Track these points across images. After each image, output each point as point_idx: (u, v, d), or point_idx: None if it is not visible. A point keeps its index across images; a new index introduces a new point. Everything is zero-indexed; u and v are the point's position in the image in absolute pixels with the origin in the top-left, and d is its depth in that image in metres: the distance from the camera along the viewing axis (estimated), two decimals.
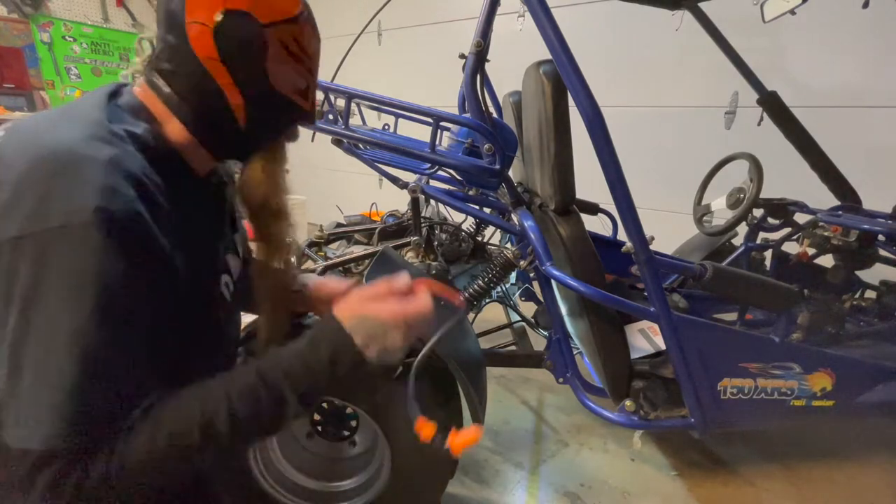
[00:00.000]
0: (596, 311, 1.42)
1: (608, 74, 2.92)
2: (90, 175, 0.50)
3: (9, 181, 0.49)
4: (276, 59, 0.64)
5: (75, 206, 0.48)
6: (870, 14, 1.60)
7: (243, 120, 0.66)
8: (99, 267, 0.49)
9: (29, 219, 0.47)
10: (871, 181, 2.07)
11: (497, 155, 1.36)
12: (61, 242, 0.47)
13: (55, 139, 0.52)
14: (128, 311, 0.52)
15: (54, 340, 0.48)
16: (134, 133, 0.59)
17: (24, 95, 3.54)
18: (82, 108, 0.59)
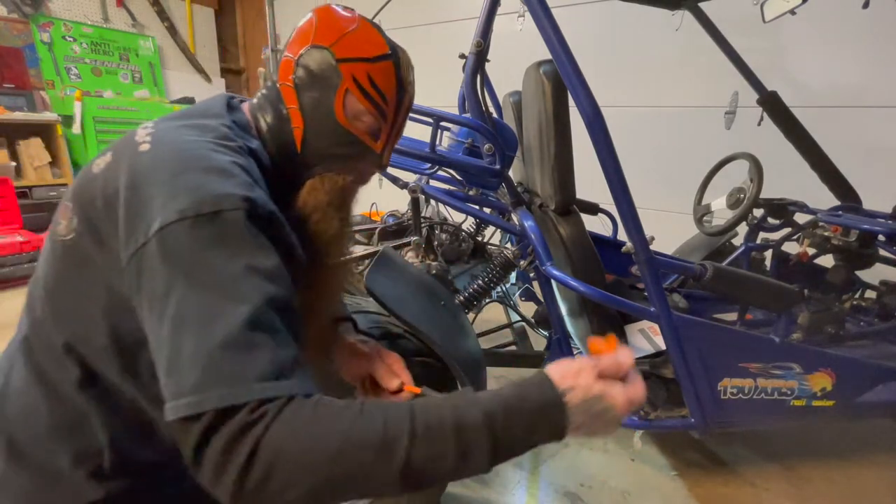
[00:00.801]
0: (596, 311, 1.42)
1: (608, 74, 2.92)
2: (231, 173, 0.57)
3: (164, 179, 0.55)
4: (346, 94, 0.67)
5: (225, 195, 0.53)
6: (870, 14, 1.60)
7: (299, 143, 0.70)
8: (250, 243, 0.53)
9: (185, 206, 0.52)
10: (871, 181, 2.07)
11: (497, 155, 1.37)
12: (215, 224, 0.52)
13: (199, 144, 0.60)
14: (279, 285, 0.54)
15: (215, 301, 0.49)
16: (250, 147, 0.67)
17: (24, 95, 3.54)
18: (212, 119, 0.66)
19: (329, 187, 0.71)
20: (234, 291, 0.50)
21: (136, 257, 0.53)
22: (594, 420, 0.53)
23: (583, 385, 0.53)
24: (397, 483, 0.48)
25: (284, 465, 0.45)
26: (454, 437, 0.49)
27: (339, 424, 0.48)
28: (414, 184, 1.59)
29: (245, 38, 5.14)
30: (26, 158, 3.44)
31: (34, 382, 0.62)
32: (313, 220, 0.70)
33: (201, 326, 0.48)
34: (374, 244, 1.88)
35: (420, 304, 1.26)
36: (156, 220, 0.52)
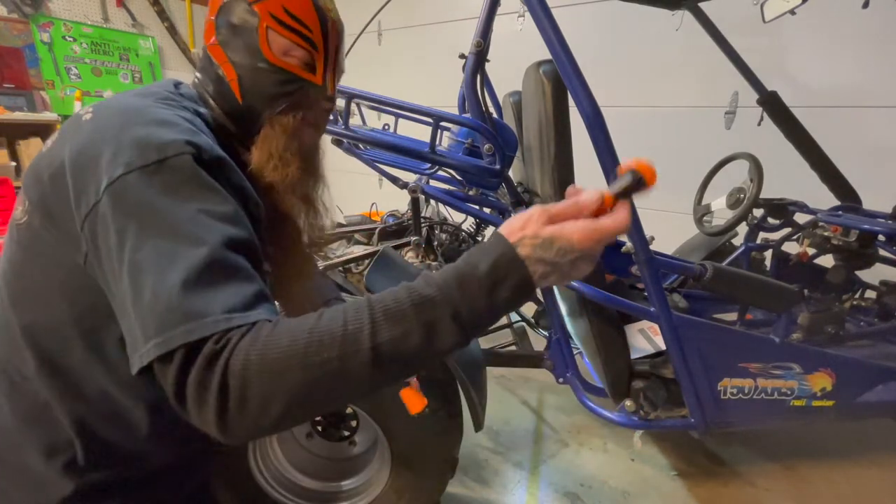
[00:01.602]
0: (596, 311, 1.42)
1: (608, 74, 2.92)
2: (174, 122, 0.58)
3: (108, 137, 0.55)
4: (267, 31, 0.66)
5: (168, 142, 0.54)
6: (870, 14, 1.60)
7: (239, 95, 0.69)
8: (200, 188, 0.54)
9: (131, 159, 0.52)
10: (871, 181, 2.06)
11: (497, 155, 1.36)
12: (163, 172, 0.52)
13: (136, 104, 0.60)
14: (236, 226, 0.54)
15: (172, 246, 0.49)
16: (200, 112, 0.67)
17: (24, 95, 3.54)
18: (157, 89, 0.67)
19: (280, 130, 0.70)
20: (190, 234, 0.50)
21: (89, 218, 0.53)
22: (559, 264, 0.49)
23: (529, 233, 0.49)
24: (371, 372, 0.48)
25: (256, 380, 0.45)
26: (414, 314, 0.48)
27: (300, 331, 0.47)
28: (414, 184, 1.59)
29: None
30: (26, 158, 3.44)
31: None
32: (270, 168, 0.69)
33: (159, 272, 0.48)
34: (374, 244, 1.88)
35: None
36: (104, 178, 0.52)
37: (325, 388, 0.47)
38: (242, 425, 0.46)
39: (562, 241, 0.49)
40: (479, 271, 0.49)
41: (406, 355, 0.49)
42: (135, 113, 0.58)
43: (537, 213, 0.50)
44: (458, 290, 0.49)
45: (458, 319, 0.49)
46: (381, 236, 1.93)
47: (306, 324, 0.48)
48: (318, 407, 0.51)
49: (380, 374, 0.49)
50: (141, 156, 0.52)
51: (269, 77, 0.68)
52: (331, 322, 0.48)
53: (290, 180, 0.70)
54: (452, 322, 0.49)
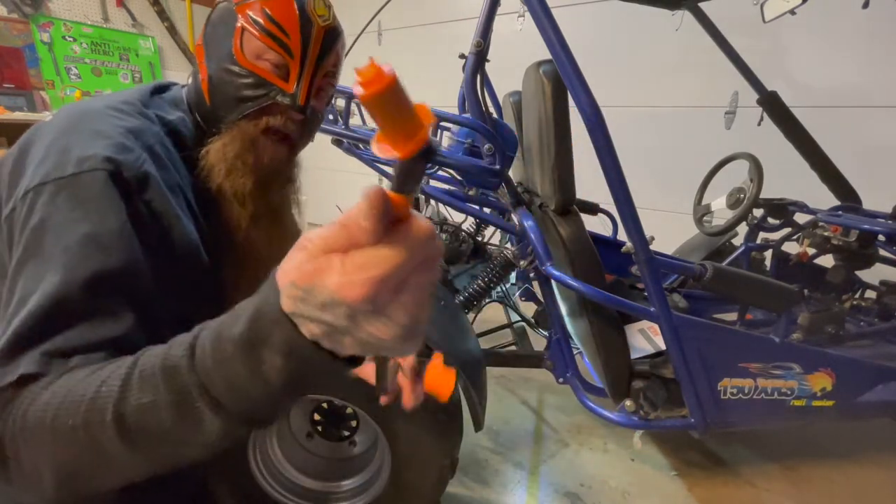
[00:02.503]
0: (596, 311, 1.42)
1: (608, 74, 2.92)
2: (108, 134, 0.56)
3: (46, 142, 0.55)
4: (243, 33, 0.65)
5: (88, 156, 0.53)
6: (870, 14, 1.60)
7: (207, 95, 0.68)
8: (99, 210, 0.52)
9: (50, 169, 0.52)
10: (871, 181, 2.07)
11: (497, 155, 1.36)
12: (72, 187, 0.51)
13: (88, 109, 0.60)
14: (118, 255, 0.51)
15: (38, 275, 0.48)
16: (164, 118, 0.65)
17: (24, 95, 3.54)
18: (125, 93, 0.66)
19: (237, 134, 0.66)
20: (59, 263, 0.48)
21: (7, 222, 0.53)
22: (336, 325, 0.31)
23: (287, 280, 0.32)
24: (123, 447, 0.39)
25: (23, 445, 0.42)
26: (163, 380, 0.38)
27: (63, 388, 0.42)
28: None
29: None
30: None
31: None
32: (215, 172, 0.65)
33: (20, 298, 0.48)
34: None
35: None
36: (24, 184, 0.53)
37: (85, 461, 0.41)
38: (28, 487, 0.43)
39: (322, 292, 0.30)
40: (235, 329, 0.35)
41: (157, 434, 0.39)
42: (79, 120, 0.57)
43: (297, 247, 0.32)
44: (211, 353, 0.36)
45: (208, 394, 0.36)
46: None
47: (75, 378, 0.42)
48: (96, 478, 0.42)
49: (135, 451, 0.39)
50: (59, 167, 0.52)
51: (236, 80, 0.66)
52: (92, 380, 0.41)
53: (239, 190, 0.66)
54: (201, 396, 0.37)
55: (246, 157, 0.66)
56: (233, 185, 0.66)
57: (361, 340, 0.32)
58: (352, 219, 0.30)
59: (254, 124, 0.67)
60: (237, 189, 0.66)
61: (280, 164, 0.71)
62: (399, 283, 0.30)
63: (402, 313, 0.31)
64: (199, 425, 0.38)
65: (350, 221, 0.30)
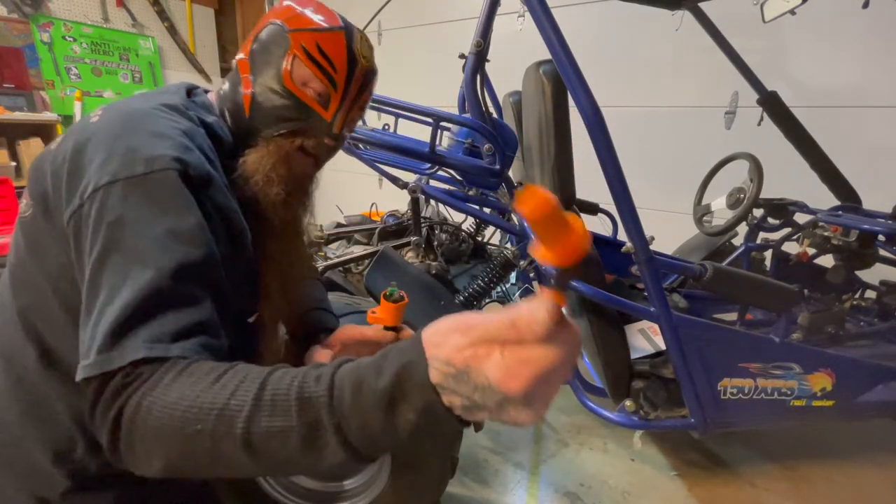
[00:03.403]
0: (596, 311, 1.42)
1: (608, 74, 2.92)
2: (169, 135, 0.58)
3: (105, 142, 0.57)
4: (294, 59, 0.69)
5: (156, 156, 0.55)
6: (870, 14, 1.60)
7: (248, 108, 0.72)
8: (176, 207, 0.54)
9: (118, 168, 0.54)
10: (871, 181, 2.07)
11: (497, 155, 1.36)
12: (145, 185, 0.54)
13: (138, 109, 0.62)
14: (199, 246, 0.55)
15: (125, 268, 0.51)
16: (205, 121, 0.69)
17: (24, 95, 3.54)
18: (162, 94, 0.69)
19: (273, 148, 0.71)
20: (148, 256, 0.51)
21: (73, 219, 0.55)
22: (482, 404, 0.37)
23: (442, 355, 0.38)
24: (245, 458, 0.43)
25: (139, 434, 0.45)
26: (297, 411, 0.42)
27: (192, 390, 0.45)
28: (414, 184, 1.59)
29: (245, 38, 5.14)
30: (26, 158, 3.44)
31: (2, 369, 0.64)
32: (254, 182, 0.70)
33: (110, 291, 0.50)
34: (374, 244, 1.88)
35: (419, 304, 1.26)
36: (91, 183, 0.54)
37: (202, 461, 0.45)
38: (133, 465, 0.47)
39: (479, 377, 0.36)
40: (379, 383, 0.40)
41: (281, 454, 0.42)
42: (135, 120, 0.59)
43: (457, 329, 0.38)
44: (350, 397, 0.41)
45: (342, 433, 0.41)
46: (381, 236, 1.93)
47: (199, 384, 0.45)
48: (206, 472, 0.47)
49: (256, 464, 0.44)
50: (128, 167, 0.54)
51: (280, 100, 0.70)
52: (220, 389, 0.44)
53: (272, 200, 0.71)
54: (335, 434, 0.41)
55: (281, 169, 0.71)
56: (267, 194, 0.70)
57: (498, 417, 0.38)
58: (523, 320, 0.36)
59: (290, 142, 0.72)
60: (271, 197, 0.70)
61: (306, 179, 0.78)
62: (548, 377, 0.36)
63: (543, 403, 0.37)
64: (322, 454, 0.42)
65: (521, 322, 0.36)
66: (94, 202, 0.53)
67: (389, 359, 0.41)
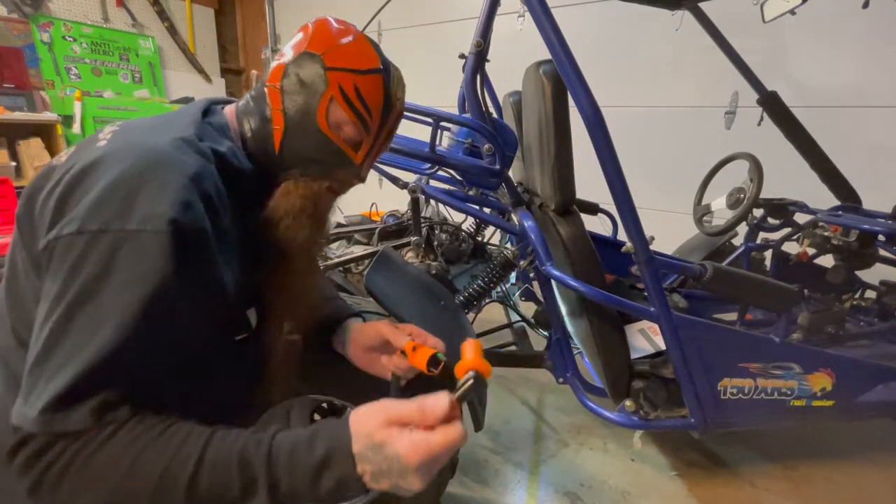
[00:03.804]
0: (596, 311, 1.42)
1: (608, 74, 2.92)
2: (173, 187, 0.55)
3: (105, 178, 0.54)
4: (330, 102, 0.67)
5: (154, 215, 0.53)
6: (870, 14, 1.60)
7: (278, 144, 0.70)
8: (158, 271, 0.53)
9: (111, 217, 0.52)
10: (871, 181, 2.06)
11: (497, 155, 1.36)
12: (133, 243, 0.52)
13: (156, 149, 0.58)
14: (168, 317, 0.55)
15: (92, 328, 0.51)
16: (218, 151, 0.66)
17: (23, 95, 3.54)
18: (180, 122, 0.66)
19: (303, 192, 0.71)
20: (117, 323, 0.51)
21: (48, 248, 0.54)
22: (387, 472, 0.50)
23: (364, 430, 0.51)
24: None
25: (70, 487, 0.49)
26: (237, 470, 0.50)
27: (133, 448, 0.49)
28: (414, 184, 1.59)
29: (245, 38, 5.14)
30: (26, 158, 3.44)
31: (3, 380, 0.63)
32: (283, 226, 0.70)
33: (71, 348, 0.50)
34: (374, 244, 1.88)
35: (419, 304, 1.26)
36: (77, 221, 0.52)
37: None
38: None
39: (390, 450, 0.49)
40: (313, 455, 0.51)
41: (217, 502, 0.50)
42: (142, 163, 0.56)
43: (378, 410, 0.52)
44: (286, 462, 0.51)
45: (273, 492, 0.50)
46: (381, 236, 1.93)
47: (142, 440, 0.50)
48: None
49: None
50: (121, 218, 0.52)
51: (313, 141, 0.69)
52: (163, 445, 0.50)
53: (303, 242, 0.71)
54: (268, 491, 0.50)
55: (309, 211, 0.71)
56: (296, 236, 0.70)
57: (395, 484, 0.51)
58: (429, 411, 0.50)
59: (318, 183, 0.72)
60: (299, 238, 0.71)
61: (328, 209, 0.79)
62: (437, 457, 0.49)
63: (429, 475, 0.50)
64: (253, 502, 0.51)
65: (428, 412, 0.50)
66: (78, 243, 0.52)
67: (321, 437, 0.52)
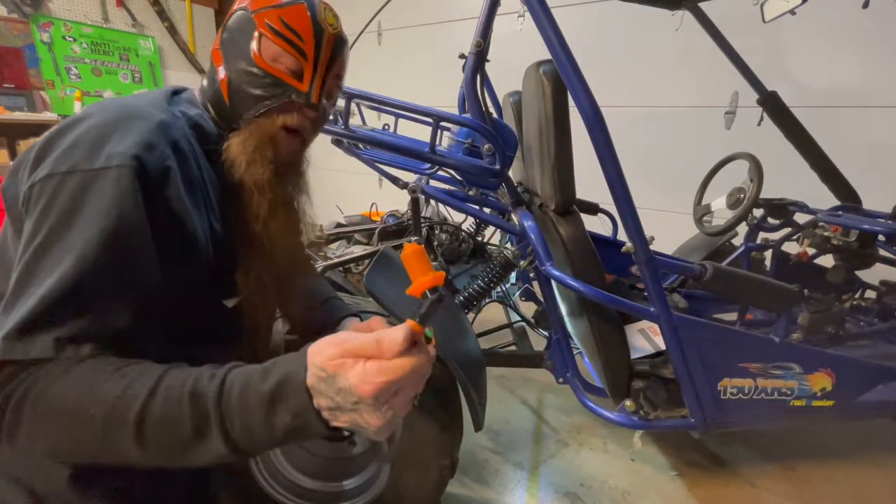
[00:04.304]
0: (596, 311, 1.42)
1: (608, 74, 2.91)
2: (138, 130, 0.59)
3: (78, 129, 0.58)
4: (260, 38, 0.70)
5: (118, 152, 0.56)
6: (870, 14, 1.60)
7: (226, 94, 0.73)
8: (118, 204, 0.54)
9: (80, 159, 0.55)
10: (871, 181, 2.06)
11: (497, 155, 1.36)
12: (98, 180, 0.54)
13: (122, 104, 0.63)
14: (131, 253, 0.55)
15: (58, 261, 0.51)
16: (187, 113, 0.70)
17: (24, 95, 3.54)
18: (151, 94, 0.71)
19: (255, 130, 0.72)
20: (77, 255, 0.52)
21: (25, 198, 0.56)
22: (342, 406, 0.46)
23: (317, 361, 0.46)
24: (132, 444, 0.47)
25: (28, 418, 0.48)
26: (189, 403, 0.47)
27: (88, 380, 0.49)
28: (414, 184, 1.59)
29: None
30: None
31: None
32: (238, 164, 0.70)
33: (36, 280, 0.51)
34: (374, 244, 1.88)
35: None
36: (49, 164, 0.55)
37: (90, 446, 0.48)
38: (13, 447, 0.50)
39: (342, 381, 0.46)
40: (264, 386, 0.47)
41: (168, 442, 0.48)
42: (116, 113, 0.60)
43: (334, 342, 0.47)
44: (237, 397, 0.48)
45: (225, 427, 0.48)
46: (381, 236, 1.93)
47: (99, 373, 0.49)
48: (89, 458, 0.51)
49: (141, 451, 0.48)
50: (88, 158, 0.55)
51: (255, 80, 0.71)
52: (118, 379, 0.49)
53: (259, 180, 0.71)
54: (219, 427, 0.47)
55: (265, 150, 0.72)
56: (253, 176, 0.70)
57: (353, 420, 0.47)
58: (386, 341, 0.46)
59: (271, 121, 0.72)
60: (257, 179, 0.71)
61: (294, 157, 0.78)
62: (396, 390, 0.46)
63: (391, 412, 0.47)
64: (207, 446, 0.48)
65: (384, 343, 0.46)
66: (46, 188, 0.54)
67: (277, 366, 0.49)
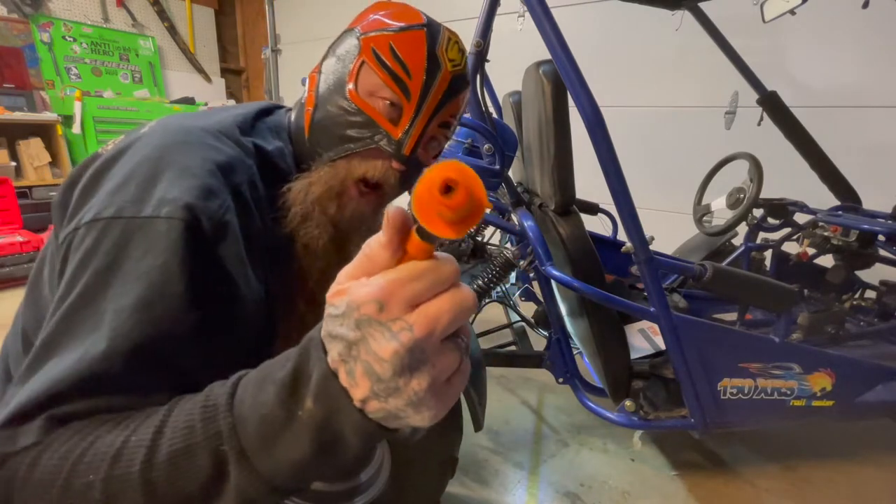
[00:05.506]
0: (596, 311, 1.42)
1: (608, 74, 2.92)
2: (195, 173, 0.49)
3: (129, 163, 0.50)
4: (361, 66, 0.58)
5: (169, 199, 0.47)
6: (870, 14, 1.60)
7: (307, 127, 0.62)
8: (165, 268, 0.46)
9: (128, 203, 0.47)
10: (871, 181, 2.07)
11: (497, 155, 1.36)
12: (145, 231, 0.46)
13: (186, 131, 0.53)
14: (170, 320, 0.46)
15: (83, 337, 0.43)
16: (262, 148, 0.59)
17: (24, 95, 3.54)
18: (228, 114, 0.60)
19: (325, 176, 0.59)
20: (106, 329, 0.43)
21: (66, 241, 0.49)
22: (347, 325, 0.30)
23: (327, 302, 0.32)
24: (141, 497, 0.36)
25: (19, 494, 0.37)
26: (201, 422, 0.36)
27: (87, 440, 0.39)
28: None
29: (245, 38, 5.14)
30: (26, 158, 3.44)
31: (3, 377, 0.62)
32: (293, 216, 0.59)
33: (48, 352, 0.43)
34: None
35: None
36: (94, 209, 0.48)
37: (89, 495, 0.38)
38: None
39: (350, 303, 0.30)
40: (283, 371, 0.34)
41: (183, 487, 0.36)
42: (171, 146, 0.51)
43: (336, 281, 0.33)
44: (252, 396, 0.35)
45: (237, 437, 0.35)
46: None
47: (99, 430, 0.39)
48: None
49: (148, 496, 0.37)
50: (136, 203, 0.47)
51: (342, 116, 0.59)
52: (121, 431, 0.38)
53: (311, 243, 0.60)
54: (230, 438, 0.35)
55: (327, 205, 0.60)
56: (305, 236, 0.59)
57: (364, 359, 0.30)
58: (371, 243, 0.31)
59: (348, 169, 0.60)
60: (310, 240, 0.60)
61: (363, 219, 0.64)
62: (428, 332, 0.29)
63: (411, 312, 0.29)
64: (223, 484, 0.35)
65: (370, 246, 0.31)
66: (88, 235, 0.47)
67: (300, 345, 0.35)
